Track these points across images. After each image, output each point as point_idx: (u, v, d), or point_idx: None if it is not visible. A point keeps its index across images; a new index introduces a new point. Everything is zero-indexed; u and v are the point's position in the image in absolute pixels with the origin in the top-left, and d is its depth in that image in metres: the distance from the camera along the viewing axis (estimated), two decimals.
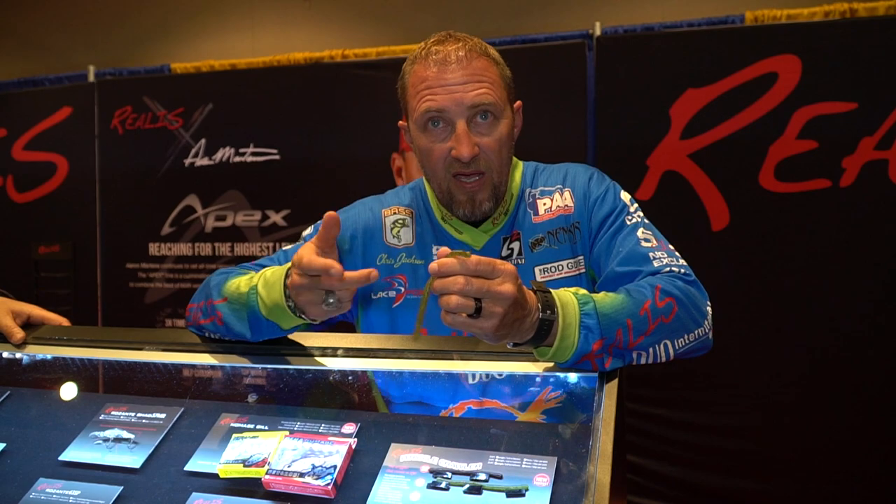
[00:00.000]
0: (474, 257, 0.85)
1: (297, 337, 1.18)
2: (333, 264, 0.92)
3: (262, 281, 1.07)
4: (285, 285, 1.01)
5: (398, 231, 1.29)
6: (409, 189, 1.36)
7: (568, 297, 0.97)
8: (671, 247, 1.18)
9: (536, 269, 1.24)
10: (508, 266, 0.87)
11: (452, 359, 1.07)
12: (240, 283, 1.11)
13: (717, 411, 2.94)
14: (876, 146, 2.77)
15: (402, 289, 1.26)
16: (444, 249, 0.86)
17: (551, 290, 0.96)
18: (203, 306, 1.16)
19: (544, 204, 1.28)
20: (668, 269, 1.11)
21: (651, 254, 1.14)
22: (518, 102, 1.28)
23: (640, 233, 1.19)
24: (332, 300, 0.96)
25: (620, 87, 3.06)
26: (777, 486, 2.88)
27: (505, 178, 1.23)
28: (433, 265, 0.85)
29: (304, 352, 1.14)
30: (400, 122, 1.29)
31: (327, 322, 1.16)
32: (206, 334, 1.19)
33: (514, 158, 1.31)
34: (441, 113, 1.15)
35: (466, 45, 1.17)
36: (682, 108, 2.95)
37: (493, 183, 1.20)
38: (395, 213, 1.30)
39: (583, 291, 1.00)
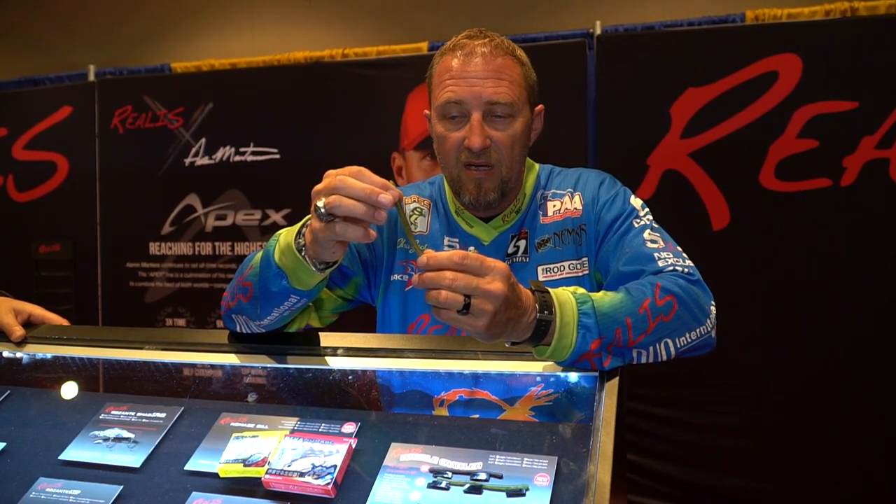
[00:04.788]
0: (461, 252, 0.85)
1: (298, 337, 1.18)
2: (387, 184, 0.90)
3: (286, 231, 1.06)
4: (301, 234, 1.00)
5: (415, 219, 1.35)
6: (428, 183, 1.41)
7: (566, 297, 0.97)
8: (679, 248, 1.19)
9: (539, 269, 1.27)
10: (500, 264, 0.87)
11: (452, 357, 1.07)
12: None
13: (716, 411, 2.94)
14: (877, 145, 2.77)
15: (413, 274, 1.29)
16: (430, 252, 0.86)
17: (550, 290, 0.96)
18: (233, 287, 1.15)
19: (554, 206, 1.31)
20: (671, 268, 1.12)
21: (656, 254, 1.15)
22: (540, 106, 1.31)
23: (646, 234, 1.20)
24: (321, 209, 0.90)
25: (621, 86, 3.05)
26: (777, 486, 2.88)
27: (514, 175, 1.26)
28: (422, 258, 0.85)
29: (304, 351, 1.14)
30: (425, 111, 1.33)
31: (350, 300, 1.29)
32: (237, 325, 1.16)
33: (531, 161, 1.36)
34: (459, 104, 1.20)
35: (493, 42, 1.22)
36: (683, 107, 2.95)
37: (502, 177, 1.24)
38: (414, 202, 1.36)
39: (581, 291, 1.00)
